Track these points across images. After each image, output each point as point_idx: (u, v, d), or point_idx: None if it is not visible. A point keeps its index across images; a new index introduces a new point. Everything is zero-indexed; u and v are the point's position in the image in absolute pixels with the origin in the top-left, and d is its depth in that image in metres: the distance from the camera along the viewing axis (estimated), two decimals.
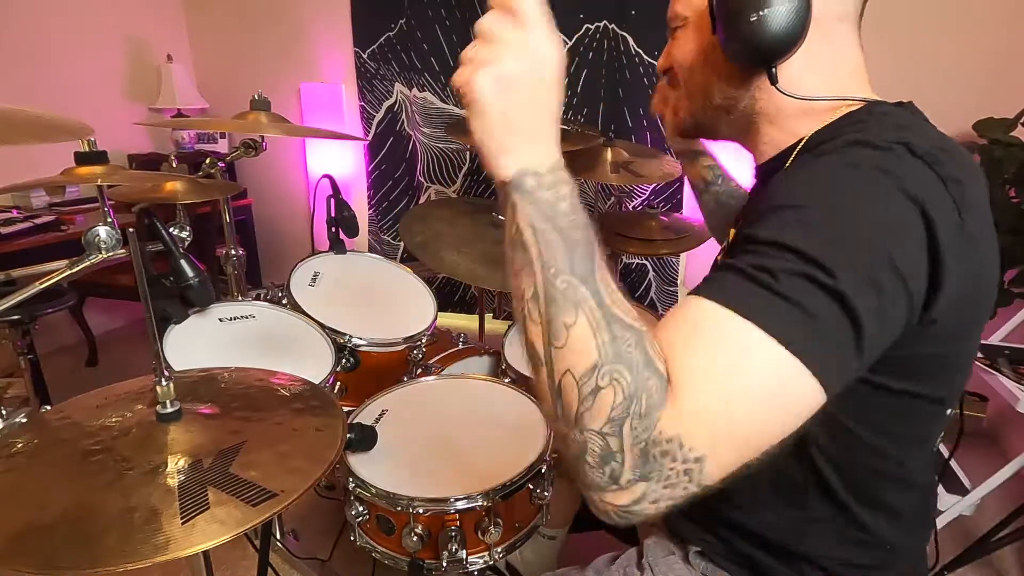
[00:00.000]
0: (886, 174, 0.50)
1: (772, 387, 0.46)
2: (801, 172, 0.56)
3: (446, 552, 0.86)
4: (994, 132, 1.78)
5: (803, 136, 0.64)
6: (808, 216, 0.50)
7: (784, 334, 0.45)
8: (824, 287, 0.46)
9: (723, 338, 0.47)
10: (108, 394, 0.82)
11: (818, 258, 0.46)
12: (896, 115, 0.61)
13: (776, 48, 0.59)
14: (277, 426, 0.78)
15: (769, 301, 0.47)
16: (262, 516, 0.61)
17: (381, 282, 1.54)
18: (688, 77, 0.71)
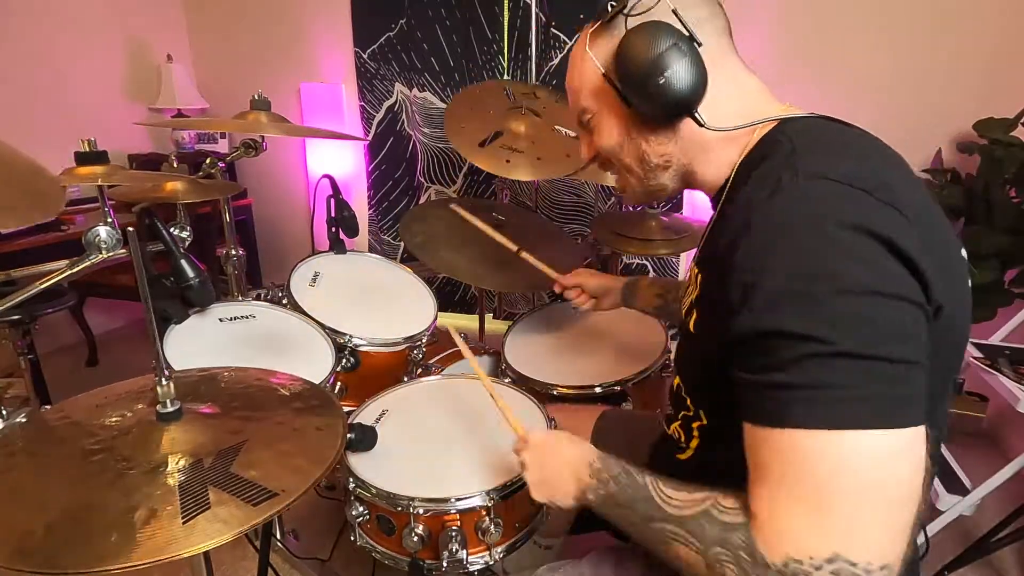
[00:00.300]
0: (817, 217, 0.53)
1: (841, 468, 0.50)
2: (750, 244, 0.57)
3: (446, 552, 0.86)
4: (994, 132, 1.78)
5: (735, 161, 0.70)
6: (778, 294, 0.53)
7: (822, 419, 0.50)
8: (823, 355, 0.50)
9: (778, 456, 0.53)
10: (108, 394, 0.82)
11: (805, 332, 0.51)
12: (807, 131, 0.65)
13: (692, 96, 0.66)
14: (278, 426, 0.78)
15: (796, 398, 0.51)
16: (263, 515, 0.61)
17: (381, 282, 1.54)
18: (620, 154, 0.76)
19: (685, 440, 0.80)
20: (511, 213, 1.61)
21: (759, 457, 0.55)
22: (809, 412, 0.51)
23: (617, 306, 1.26)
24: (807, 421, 0.51)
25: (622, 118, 0.73)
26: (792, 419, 0.51)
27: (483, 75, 2.54)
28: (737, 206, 0.63)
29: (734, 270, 0.57)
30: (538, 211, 2.54)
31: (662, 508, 0.63)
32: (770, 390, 0.53)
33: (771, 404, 0.53)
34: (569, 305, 1.57)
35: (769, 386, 0.53)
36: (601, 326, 1.51)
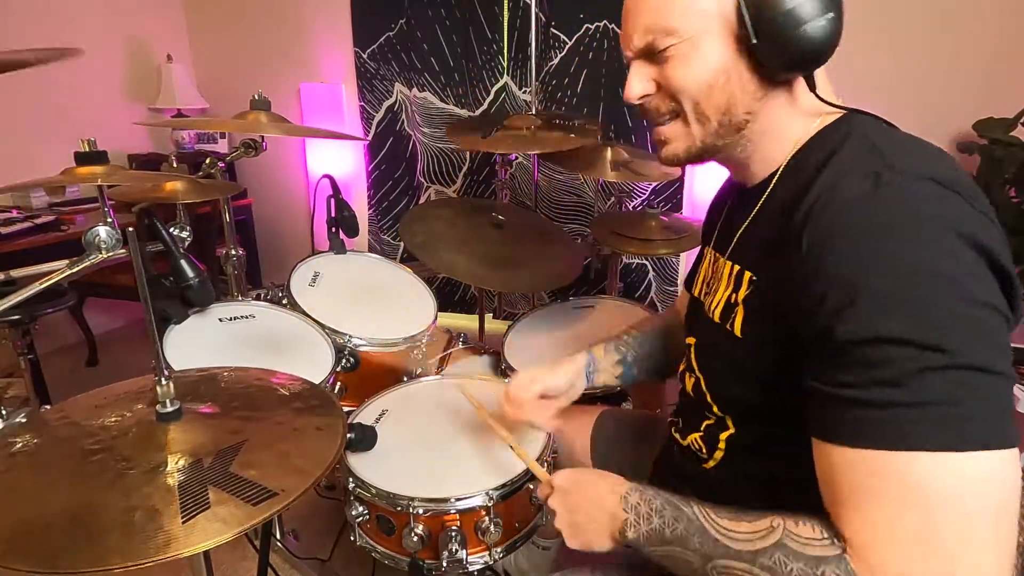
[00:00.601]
0: (929, 218, 0.50)
1: (959, 493, 0.47)
2: (842, 245, 0.52)
3: (446, 552, 0.86)
4: (994, 132, 1.78)
5: (791, 148, 0.65)
6: (886, 295, 0.49)
7: (943, 442, 0.47)
8: (942, 367, 0.47)
9: (885, 482, 0.49)
10: (107, 394, 0.82)
11: (923, 340, 0.47)
12: (876, 126, 0.61)
13: (826, 50, 0.58)
14: (277, 426, 0.78)
15: (915, 416, 0.47)
16: (263, 515, 0.61)
17: (381, 282, 1.54)
18: (702, 97, 0.64)
19: (707, 451, 0.75)
20: (511, 213, 1.61)
21: (853, 479, 0.51)
22: (929, 433, 0.47)
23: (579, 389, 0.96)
24: (926, 443, 0.47)
25: (728, 54, 0.61)
26: (907, 441, 0.47)
27: (483, 75, 2.54)
28: (805, 199, 0.57)
29: (824, 271, 0.52)
30: (538, 211, 2.54)
31: (722, 543, 0.58)
32: (876, 408, 0.49)
33: (879, 423, 0.49)
34: (569, 305, 1.57)
35: (875, 403, 0.49)
36: (601, 326, 1.51)
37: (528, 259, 1.51)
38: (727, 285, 0.69)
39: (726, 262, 0.71)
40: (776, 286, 0.60)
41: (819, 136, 0.63)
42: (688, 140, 0.67)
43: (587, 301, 1.58)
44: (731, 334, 0.66)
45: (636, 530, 0.65)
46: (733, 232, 0.71)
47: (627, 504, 0.66)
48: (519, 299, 2.69)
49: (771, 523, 0.56)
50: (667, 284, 2.55)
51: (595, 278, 2.32)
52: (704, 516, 0.61)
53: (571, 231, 2.56)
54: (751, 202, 0.69)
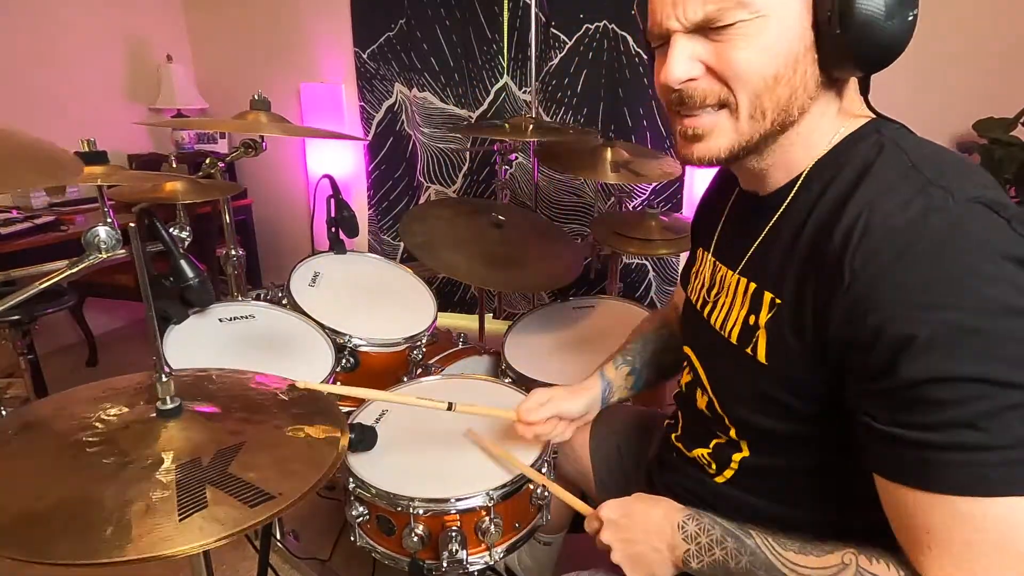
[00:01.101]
0: (986, 245, 0.47)
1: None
2: (914, 267, 0.48)
3: (446, 552, 0.86)
4: (994, 132, 1.78)
5: (816, 154, 0.60)
6: (949, 330, 0.46)
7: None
8: (1020, 405, 0.45)
9: (987, 532, 0.46)
10: (106, 387, 0.82)
11: (996, 378, 0.45)
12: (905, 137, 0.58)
13: (896, 53, 0.53)
14: (276, 429, 0.77)
15: (996, 459, 0.45)
16: (260, 518, 0.61)
17: (381, 282, 1.54)
18: (764, 88, 0.56)
19: (717, 468, 0.73)
20: (511, 213, 1.61)
21: (930, 522, 0.49)
22: (1014, 476, 0.45)
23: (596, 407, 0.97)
24: (1013, 488, 0.45)
25: (802, 42, 0.55)
26: (991, 486, 0.45)
27: (483, 75, 2.54)
28: (841, 219, 0.53)
29: (878, 303, 0.49)
30: (538, 211, 2.54)
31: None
32: (953, 451, 0.46)
33: (956, 467, 0.46)
34: (569, 305, 1.57)
35: (951, 446, 0.46)
36: (601, 326, 1.51)
37: (528, 259, 1.51)
38: (742, 304, 0.65)
39: (737, 277, 0.67)
40: (806, 313, 0.56)
41: (845, 144, 0.59)
42: (733, 137, 0.59)
43: (587, 301, 1.58)
44: (753, 359, 0.62)
45: (699, 560, 0.64)
46: (743, 242, 0.66)
47: (685, 534, 0.65)
48: (519, 299, 2.69)
49: (843, 559, 0.54)
50: (667, 284, 2.54)
51: (595, 278, 2.32)
52: (769, 549, 0.59)
53: (571, 231, 2.56)
54: (766, 212, 0.63)
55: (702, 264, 0.78)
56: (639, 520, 0.70)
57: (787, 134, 0.59)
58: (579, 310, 1.56)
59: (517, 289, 2.33)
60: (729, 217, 0.74)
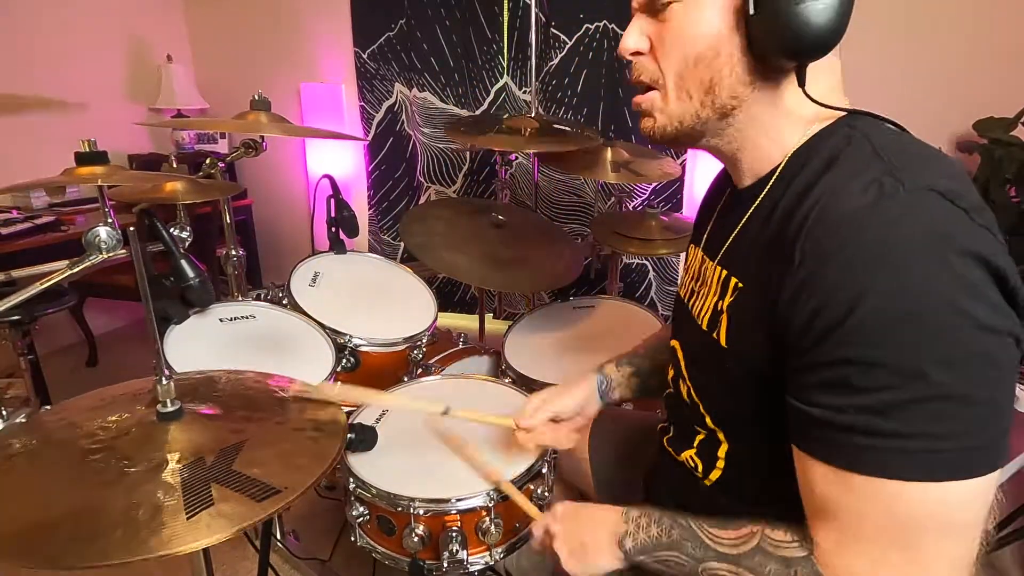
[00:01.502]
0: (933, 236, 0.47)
1: (943, 513, 0.48)
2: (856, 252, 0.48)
3: (447, 552, 0.86)
4: (994, 132, 1.78)
5: (790, 147, 0.61)
6: (878, 316, 0.46)
7: (923, 472, 0.47)
8: (938, 398, 0.46)
9: (875, 507, 0.50)
10: (104, 396, 0.82)
11: (910, 368, 0.46)
12: (878, 129, 0.58)
13: (822, 42, 0.53)
14: (277, 426, 0.78)
15: (895, 446, 0.48)
16: (267, 511, 0.62)
17: (381, 282, 1.54)
18: (686, 69, 0.59)
19: (704, 470, 0.74)
20: (511, 213, 1.61)
21: (828, 494, 0.52)
22: (908, 463, 0.47)
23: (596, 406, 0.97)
24: (903, 472, 0.47)
25: (724, 26, 0.57)
26: (889, 469, 0.48)
27: (483, 75, 2.54)
28: (801, 207, 0.54)
29: (818, 287, 0.50)
30: (538, 211, 2.54)
31: (713, 548, 0.61)
32: (859, 434, 0.48)
33: (860, 449, 0.49)
34: (569, 305, 1.57)
35: (858, 429, 0.48)
36: (601, 326, 1.51)
37: (528, 259, 1.51)
38: (715, 291, 0.67)
39: (716, 267, 0.68)
40: (763, 295, 0.57)
41: (818, 138, 0.59)
42: (665, 118, 0.63)
43: (587, 301, 1.58)
44: (717, 343, 0.64)
45: (635, 539, 0.67)
46: (725, 236, 0.68)
47: (627, 517, 0.69)
48: (519, 299, 2.69)
49: (751, 529, 0.60)
50: (667, 284, 2.55)
51: (595, 278, 2.32)
52: (696, 524, 0.64)
53: (571, 231, 2.56)
54: (744, 205, 0.65)
55: (692, 259, 0.80)
56: (586, 513, 0.74)
57: (735, 122, 0.61)
58: (579, 310, 1.56)
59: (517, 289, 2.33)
60: (719, 213, 0.75)
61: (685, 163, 2.39)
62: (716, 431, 0.70)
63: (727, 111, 0.61)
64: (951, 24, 1.92)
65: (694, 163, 2.41)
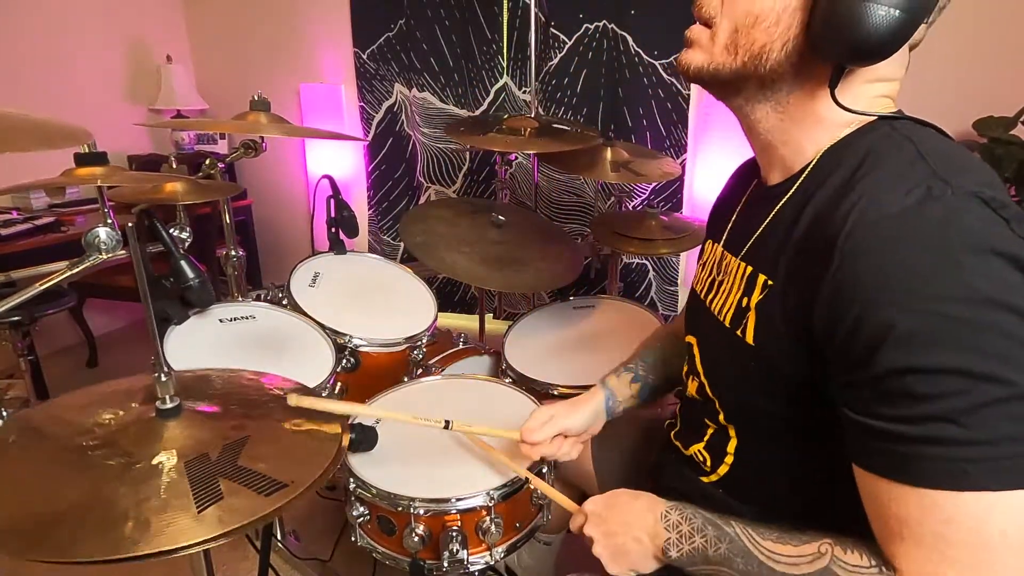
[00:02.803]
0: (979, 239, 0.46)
1: (1013, 534, 0.45)
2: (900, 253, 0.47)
3: (447, 552, 0.86)
4: (994, 131, 1.78)
5: (824, 145, 0.60)
6: (933, 320, 0.45)
7: (1011, 480, 0.44)
8: (1000, 400, 0.44)
9: (961, 525, 0.46)
10: (96, 392, 0.82)
11: (977, 371, 0.44)
12: (921, 132, 0.57)
13: (866, 48, 0.51)
14: (278, 423, 0.78)
15: (975, 454, 0.45)
16: (275, 505, 0.62)
17: (381, 282, 1.54)
18: (743, 24, 0.57)
19: (712, 464, 0.73)
20: (511, 213, 1.61)
21: (904, 514, 0.49)
22: (991, 472, 0.45)
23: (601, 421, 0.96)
24: (989, 483, 0.45)
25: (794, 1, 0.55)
26: (968, 481, 0.45)
27: (482, 75, 2.54)
28: (841, 205, 0.52)
29: (862, 290, 0.48)
30: (538, 211, 2.54)
31: (768, 566, 0.57)
32: (929, 444, 0.46)
33: (933, 461, 0.46)
34: (569, 305, 1.57)
35: (928, 440, 0.46)
36: (601, 326, 1.51)
37: (528, 259, 1.51)
38: (738, 288, 0.65)
39: (738, 263, 0.67)
40: (798, 295, 0.55)
41: (856, 135, 0.58)
42: (705, 57, 0.61)
43: (587, 301, 1.58)
44: (742, 341, 0.63)
45: (679, 549, 0.63)
46: (749, 230, 0.67)
47: (667, 523, 0.65)
48: (519, 299, 2.69)
49: (819, 548, 0.55)
50: (667, 284, 2.55)
51: (595, 278, 2.32)
52: (748, 537, 0.59)
53: (571, 231, 2.56)
54: (772, 201, 0.64)
55: (710, 255, 0.79)
56: (622, 511, 0.70)
57: (780, 104, 0.60)
58: (579, 310, 1.56)
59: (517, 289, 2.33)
60: (742, 210, 0.74)
61: (685, 163, 2.39)
62: (727, 427, 0.69)
63: (765, 83, 0.59)
64: (951, 24, 1.92)
65: (694, 163, 2.41)
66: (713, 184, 2.40)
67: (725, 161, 2.35)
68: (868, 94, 0.59)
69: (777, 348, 0.59)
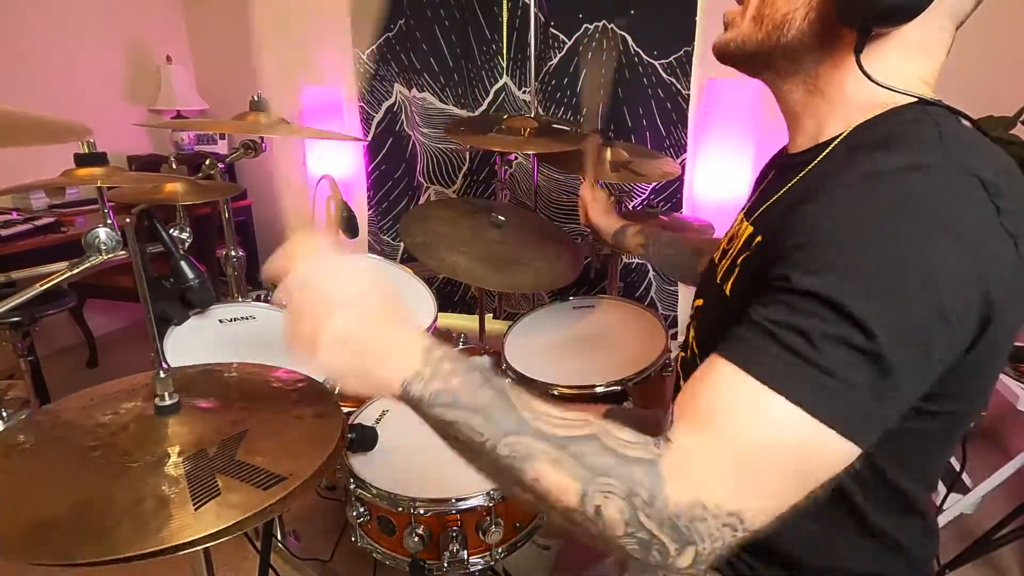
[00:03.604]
0: (943, 212, 0.46)
1: (797, 451, 0.46)
2: (847, 199, 0.48)
3: (447, 552, 0.86)
4: (994, 130, 1.78)
5: (839, 132, 0.59)
6: (853, 262, 0.46)
7: (812, 403, 0.45)
8: (862, 350, 0.44)
9: (742, 405, 0.47)
10: (97, 393, 0.82)
11: (858, 316, 0.44)
12: (953, 120, 0.56)
13: (886, 8, 0.51)
14: (277, 415, 0.78)
15: (799, 371, 0.46)
16: (274, 499, 0.62)
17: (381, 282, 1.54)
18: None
19: None
20: (511, 213, 1.61)
21: (714, 390, 0.49)
22: (809, 391, 0.45)
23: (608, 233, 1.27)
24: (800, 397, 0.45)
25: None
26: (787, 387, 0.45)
27: (482, 75, 2.54)
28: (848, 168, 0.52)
29: (806, 217, 0.49)
30: (538, 211, 2.54)
31: (532, 424, 0.49)
32: (779, 346, 0.46)
33: (771, 359, 0.46)
34: (569, 305, 1.57)
35: (781, 343, 0.46)
36: (601, 326, 1.51)
37: (528, 259, 1.51)
38: (738, 250, 0.66)
39: (748, 226, 0.67)
40: (769, 239, 0.57)
41: (886, 115, 0.57)
42: (735, 32, 0.63)
43: (587, 301, 1.58)
44: (723, 292, 0.64)
45: (429, 388, 0.51)
46: (766, 199, 0.67)
47: (429, 356, 0.52)
48: (519, 299, 2.69)
49: (587, 418, 0.51)
50: (667, 284, 2.55)
51: (595, 278, 2.32)
52: (515, 393, 0.51)
53: (571, 231, 2.56)
54: (793, 170, 0.64)
55: (734, 226, 0.78)
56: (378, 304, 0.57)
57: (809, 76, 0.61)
58: (579, 310, 1.56)
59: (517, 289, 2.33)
60: (767, 180, 0.75)
61: (685, 163, 2.39)
62: None
63: (790, 55, 0.60)
64: None
65: (694, 163, 2.41)
66: (713, 184, 2.40)
67: (725, 161, 2.35)
68: (903, 74, 0.58)
69: (744, 296, 0.57)
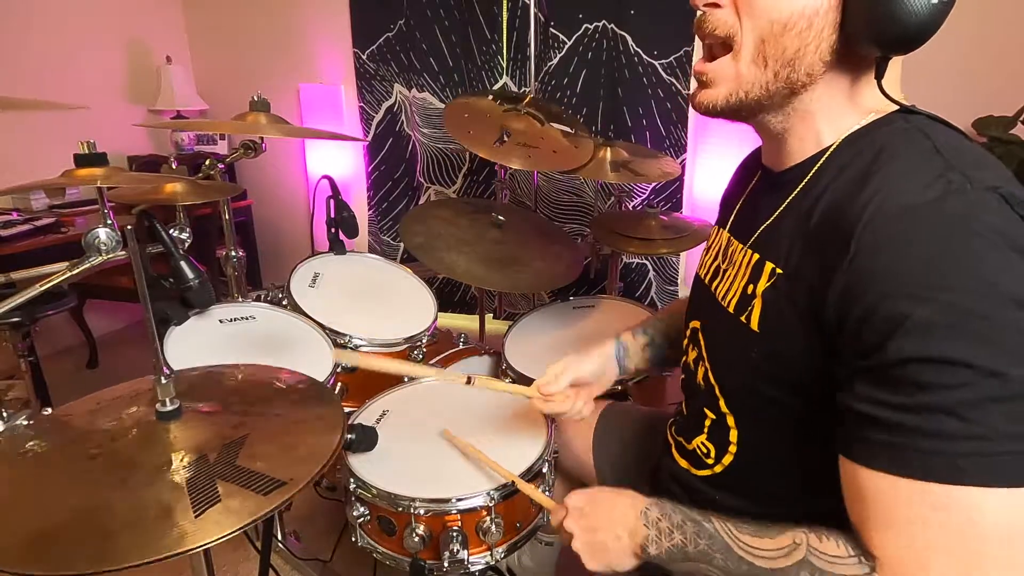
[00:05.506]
0: (999, 235, 0.46)
1: (1013, 527, 0.45)
2: (918, 247, 0.47)
3: (447, 552, 0.86)
4: (994, 130, 1.78)
5: (840, 135, 0.59)
6: (949, 312, 0.45)
7: (1005, 476, 0.44)
8: (1005, 398, 0.44)
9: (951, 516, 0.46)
10: (100, 399, 0.82)
11: (987, 366, 0.43)
12: (935, 126, 0.58)
13: (912, 36, 0.53)
14: (278, 418, 0.78)
15: (971, 449, 0.44)
16: (273, 504, 0.62)
17: (381, 282, 1.54)
18: (771, 34, 0.56)
19: (716, 456, 0.72)
20: (511, 213, 1.61)
21: (889, 503, 0.48)
22: (985, 468, 0.44)
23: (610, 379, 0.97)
24: (980, 479, 0.44)
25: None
26: (961, 475, 0.44)
27: (482, 75, 2.54)
28: (859, 197, 0.52)
29: (877, 279, 0.48)
30: (537, 211, 2.54)
31: (746, 560, 0.56)
32: (926, 436, 0.45)
33: (928, 454, 0.45)
34: (569, 305, 1.57)
35: (925, 431, 0.45)
36: (601, 326, 1.51)
37: (528, 259, 1.51)
38: (743, 275, 0.65)
39: (746, 250, 0.67)
40: (807, 284, 0.55)
41: (873, 126, 0.58)
42: (733, 84, 0.59)
43: (587, 301, 1.58)
44: (747, 327, 0.63)
45: (658, 546, 0.63)
46: (757, 219, 0.66)
47: (647, 519, 0.65)
48: (519, 299, 2.69)
49: (794, 539, 0.55)
50: (667, 284, 2.55)
51: (595, 278, 2.32)
52: (726, 532, 0.59)
53: (571, 231, 2.56)
54: (783, 189, 0.63)
55: (716, 240, 0.79)
56: (603, 507, 0.70)
57: (801, 100, 0.59)
58: (579, 310, 1.56)
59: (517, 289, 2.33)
60: (749, 196, 0.74)
61: (684, 162, 2.39)
62: (727, 415, 0.69)
63: (797, 89, 0.58)
64: (951, 23, 1.91)
65: (694, 162, 2.41)
66: (713, 184, 2.40)
67: (725, 161, 2.35)
68: (886, 79, 0.59)
69: (782, 335, 0.58)
